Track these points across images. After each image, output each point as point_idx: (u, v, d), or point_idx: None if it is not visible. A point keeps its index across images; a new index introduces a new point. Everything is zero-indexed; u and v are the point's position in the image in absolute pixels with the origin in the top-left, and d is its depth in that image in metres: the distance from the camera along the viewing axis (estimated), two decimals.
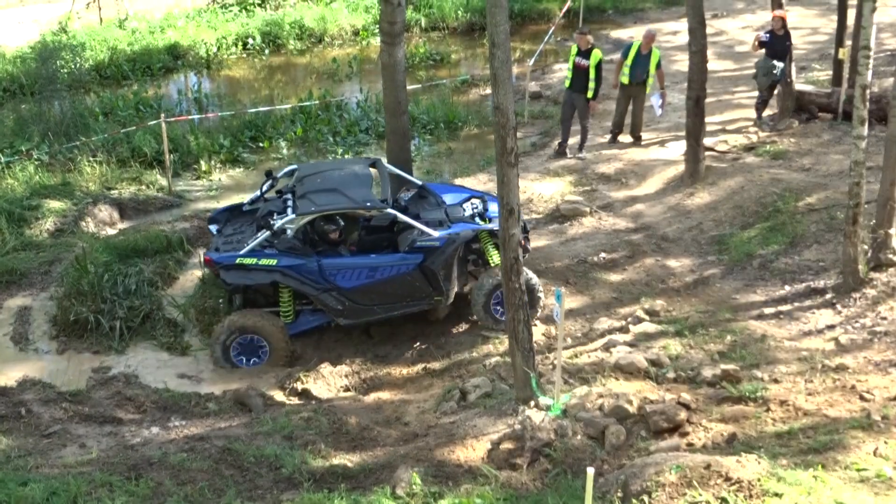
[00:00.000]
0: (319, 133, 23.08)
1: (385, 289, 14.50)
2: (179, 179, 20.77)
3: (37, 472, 10.79)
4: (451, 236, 14.56)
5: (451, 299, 14.88)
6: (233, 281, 14.31)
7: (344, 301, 14.43)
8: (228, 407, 13.13)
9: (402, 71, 16.13)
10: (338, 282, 14.32)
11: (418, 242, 14.42)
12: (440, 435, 11.55)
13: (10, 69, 25.91)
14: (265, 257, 14.15)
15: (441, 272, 14.51)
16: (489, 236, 14.98)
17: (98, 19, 30.30)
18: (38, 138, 20.85)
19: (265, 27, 30.50)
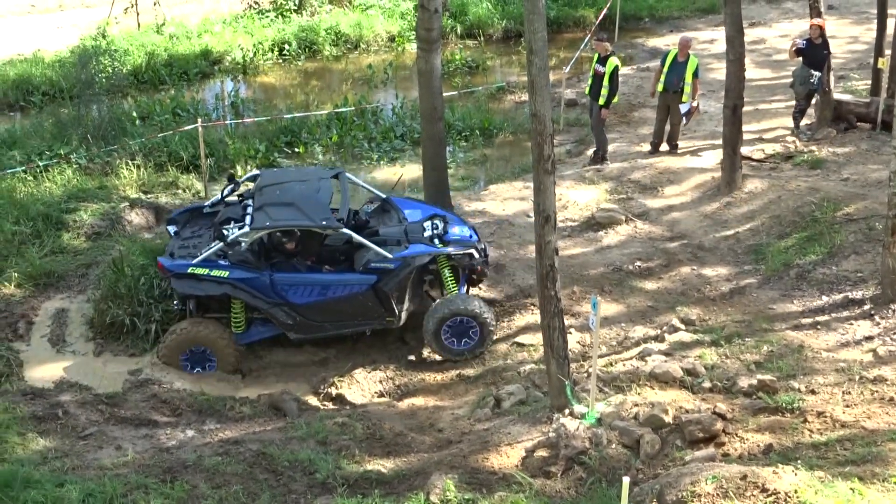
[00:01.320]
0: (355, 139, 23.13)
1: (337, 307, 14.42)
2: (215, 184, 20.80)
3: (73, 473, 10.88)
4: (407, 259, 14.45)
5: (403, 320, 14.80)
6: (183, 291, 14.23)
7: (295, 316, 14.35)
8: (263, 411, 13.20)
9: (439, 77, 16.15)
10: (289, 297, 14.23)
11: (373, 263, 14.32)
12: (474, 442, 11.55)
13: (50, 73, 26.11)
14: (217, 268, 14.04)
15: (394, 294, 14.43)
16: (446, 260, 14.92)
17: (136, 24, 30.47)
18: (77, 142, 20.98)
19: (301, 33, 30.57)
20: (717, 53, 25.98)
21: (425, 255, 14.61)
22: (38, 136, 21.86)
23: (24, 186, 18.86)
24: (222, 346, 14.22)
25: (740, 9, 17.83)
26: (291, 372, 14.62)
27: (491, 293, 15.90)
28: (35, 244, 17.08)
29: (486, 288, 15.97)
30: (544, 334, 11.37)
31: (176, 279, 14.09)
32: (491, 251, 16.95)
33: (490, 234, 17.56)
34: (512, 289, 16.00)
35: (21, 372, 14.25)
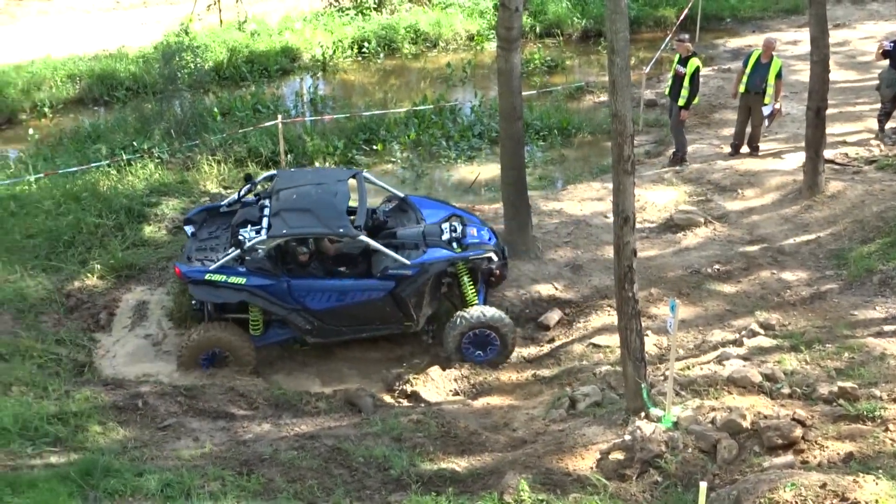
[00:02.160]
0: (433, 137, 23.18)
1: (354, 312, 14.42)
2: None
3: (152, 463, 11.05)
4: (425, 265, 14.38)
5: (422, 325, 14.78)
6: (200, 297, 14.28)
7: (313, 321, 14.36)
8: (339, 406, 13.28)
9: (518, 77, 16.10)
10: (307, 303, 14.24)
11: (390, 270, 14.26)
12: (549, 442, 11.52)
13: (133, 69, 26.48)
14: (234, 275, 14.05)
15: (412, 300, 14.39)
16: (465, 264, 14.83)
17: (218, 21, 30.80)
18: (159, 137, 21.29)
19: (381, 31, 30.68)
20: (801, 55, 25.61)
21: (444, 262, 14.58)
22: (121, 130, 22.23)
23: (107, 180, 19.17)
24: (239, 349, 14.24)
25: (825, 10, 17.54)
26: (367, 368, 14.70)
27: (567, 294, 15.85)
28: (117, 237, 17.37)
29: (561, 288, 15.93)
30: (621, 336, 11.30)
31: (193, 285, 14.14)
32: (568, 249, 16.91)
33: (567, 234, 17.51)
34: (588, 289, 15.93)
35: (102, 362, 14.50)
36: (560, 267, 16.55)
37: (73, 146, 21.82)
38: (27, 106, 25.09)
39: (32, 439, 11.50)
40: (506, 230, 16.76)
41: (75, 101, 25.96)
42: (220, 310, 14.66)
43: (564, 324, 15.39)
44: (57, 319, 15.29)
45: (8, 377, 12.90)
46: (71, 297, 15.78)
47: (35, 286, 15.68)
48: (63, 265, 16.45)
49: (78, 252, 16.86)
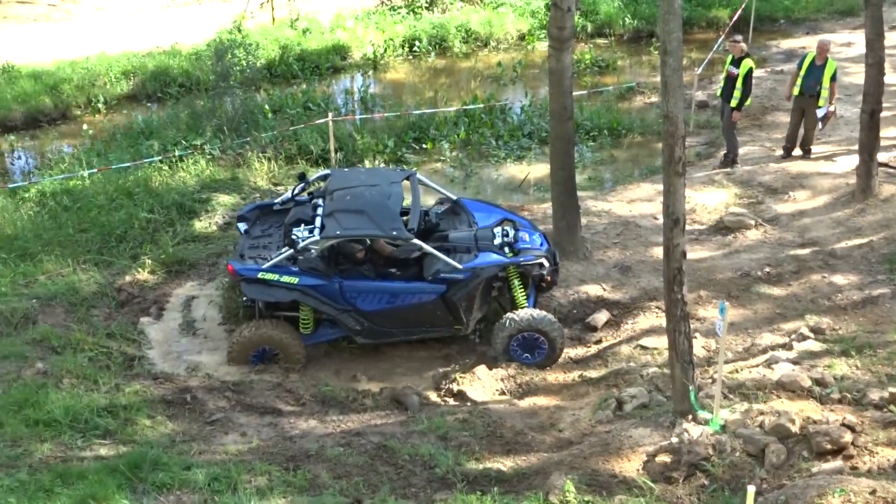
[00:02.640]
0: (482, 136, 23.17)
1: (405, 314, 14.40)
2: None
3: (200, 457, 11.13)
4: (476, 270, 14.31)
5: (471, 328, 14.75)
6: (253, 295, 14.29)
7: (363, 322, 14.36)
8: (385, 404, 13.31)
9: (569, 77, 16.06)
10: (358, 304, 14.25)
11: (442, 273, 14.22)
12: (595, 443, 11.47)
13: (186, 66, 26.73)
14: (287, 274, 14.07)
15: (463, 304, 14.35)
16: (516, 269, 14.75)
17: (271, 19, 31.01)
18: (211, 133, 21.44)
19: (432, 30, 30.74)
20: (855, 57, 25.38)
21: (495, 267, 14.52)
22: (173, 126, 22.42)
23: (159, 176, 19.34)
24: (290, 347, 14.27)
25: (881, 11, 17.35)
26: (414, 367, 14.72)
27: (615, 295, 15.79)
28: (168, 232, 17.52)
29: (610, 289, 15.88)
30: (669, 338, 11.24)
31: (246, 284, 14.19)
32: (617, 250, 16.85)
33: (616, 235, 17.45)
34: (637, 291, 15.85)
35: (152, 356, 14.63)
36: (608, 268, 16.49)
37: (126, 142, 22.05)
38: (82, 102, 25.40)
39: (83, 431, 11.64)
40: (554, 230, 16.73)
41: (129, 97, 26.26)
42: (272, 307, 14.71)
43: (612, 325, 15.32)
44: (108, 313, 15.45)
45: (60, 370, 13.04)
46: (122, 291, 15.94)
47: (87, 280, 15.86)
48: (115, 260, 16.64)
49: (129, 247, 17.03)
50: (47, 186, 18.95)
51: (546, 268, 14.88)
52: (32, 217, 17.85)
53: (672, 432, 10.99)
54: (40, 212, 18.10)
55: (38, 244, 16.78)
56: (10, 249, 16.64)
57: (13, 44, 28.66)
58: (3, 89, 24.77)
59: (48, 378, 12.78)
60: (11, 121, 24.25)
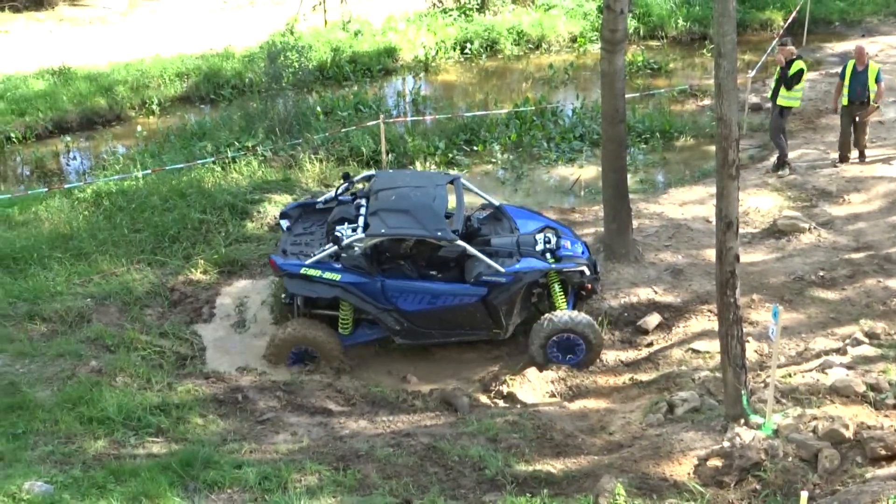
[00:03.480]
0: (534, 138, 23.14)
1: (445, 316, 14.45)
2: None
3: (250, 456, 11.24)
4: (518, 274, 14.35)
5: (510, 333, 14.74)
6: (295, 291, 14.38)
7: (403, 322, 14.41)
8: (435, 405, 13.35)
9: (622, 79, 16.02)
10: (399, 304, 14.30)
11: (484, 276, 14.24)
12: (645, 447, 11.45)
13: (239, 68, 26.92)
14: (330, 271, 14.16)
15: (503, 307, 14.38)
16: (557, 276, 14.75)
17: (323, 21, 31.16)
18: (263, 135, 21.57)
19: (483, 32, 30.73)
20: None
21: (537, 271, 14.54)
22: (226, 128, 22.59)
23: (212, 177, 19.50)
24: (328, 347, 14.34)
25: None
26: (463, 368, 14.74)
27: (667, 298, 15.72)
28: (220, 233, 17.67)
29: (661, 292, 15.81)
30: (722, 342, 11.19)
31: (289, 279, 14.29)
32: (668, 253, 16.78)
33: (668, 237, 17.38)
34: (689, 294, 15.77)
35: (204, 355, 14.77)
36: (660, 271, 16.43)
37: (179, 143, 22.27)
38: (136, 103, 25.66)
39: (135, 429, 11.79)
40: (605, 233, 16.70)
41: (182, 98, 26.49)
42: (311, 306, 14.83)
43: (663, 328, 15.25)
44: (161, 312, 15.62)
45: (113, 368, 13.20)
46: (175, 290, 16.10)
47: (140, 280, 16.04)
48: (168, 260, 16.81)
49: (182, 247, 17.20)
50: (102, 187, 19.16)
51: (587, 276, 14.88)
52: (87, 217, 18.07)
53: (724, 436, 10.94)
54: (95, 212, 18.31)
55: (92, 244, 16.99)
56: (65, 249, 16.85)
57: (68, 46, 29.05)
58: (58, 91, 25.08)
59: (102, 376, 12.95)
60: (67, 122, 24.54)
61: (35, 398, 12.23)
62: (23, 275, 15.97)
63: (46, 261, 16.39)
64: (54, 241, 17.05)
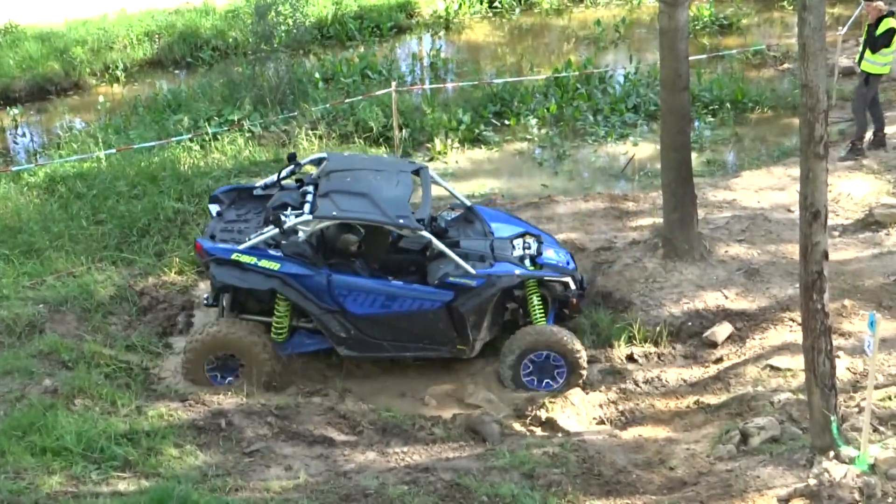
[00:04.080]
0: (577, 110, 23.15)
1: (401, 324, 14.40)
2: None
3: (235, 494, 11.24)
4: (492, 278, 14.33)
5: (476, 351, 14.71)
6: (223, 279, 14.20)
7: (349, 328, 14.34)
8: (458, 434, 13.33)
9: (685, 38, 15.99)
10: (347, 304, 14.23)
11: (451, 277, 14.21)
12: (714, 485, 11.43)
13: (221, 26, 27.02)
14: (267, 259, 14.05)
15: (471, 317, 14.34)
16: (536, 286, 14.74)
17: None
18: (250, 106, 21.66)
19: None
20: None
21: (514, 276, 14.53)
22: (206, 98, 22.73)
23: (189, 157, 19.60)
24: (258, 355, 14.18)
25: None
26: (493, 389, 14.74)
27: (739, 304, 15.69)
28: (199, 225, 17.68)
29: (732, 297, 15.78)
30: (806, 357, 11.15)
31: (216, 265, 14.17)
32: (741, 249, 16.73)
33: (740, 230, 17.36)
34: (766, 299, 15.75)
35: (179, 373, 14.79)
36: (731, 271, 16.39)
37: (149, 116, 22.41)
38: (97, 69, 25.84)
39: (98, 462, 11.79)
40: (665, 225, 16.68)
41: (152, 62, 26.66)
42: (240, 308, 14.80)
43: (735, 340, 15.22)
44: (128, 321, 15.69)
45: (71, 388, 13.22)
46: (144, 295, 16.15)
47: (104, 281, 16.11)
48: (136, 257, 16.89)
49: (154, 242, 17.28)
50: (57, 169, 19.27)
51: (571, 290, 14.89)
52: (39, 206, 18.16)
53: (809, 472, 10.92)
54: (48, 199, 18.42)
55: (46, 238, 17.08)
56: (13, 244, 16.94)
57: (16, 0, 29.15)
58: (4, 54, 25.22)
59: (57, 398, 12.97)
60: (14, 91, 24.72)
61: None
62: None
63: None
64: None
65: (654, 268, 16.24)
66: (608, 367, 14.93)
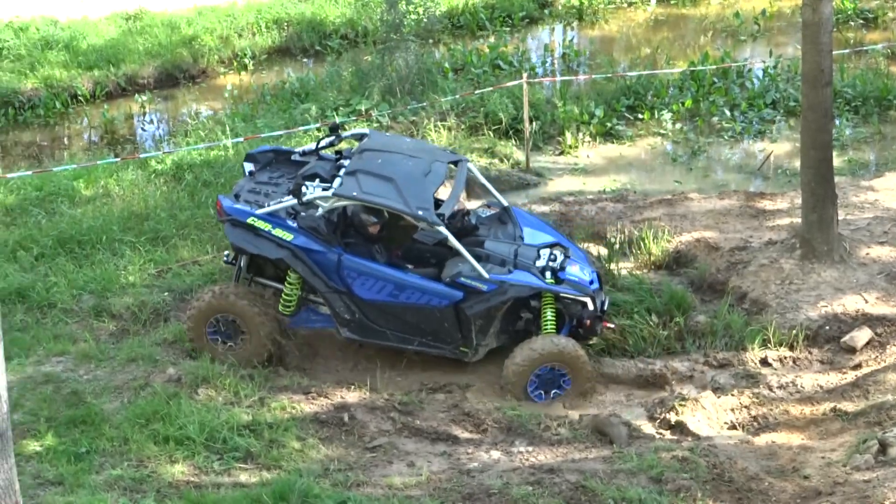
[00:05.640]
0: (714, 105, 22.94)
1: (406, 315, 14.30)
2: (539, 154, 21.18)
3: (357, 490, 11.38)
4: (504, 285, 14.12)
5: (480, 356, 14.52)
6: (235, 241, 14.30)
7: (354, 311, 14.28)
8: (584, 435, 13.28)
9: (828, 32, 15.76)
10: (354, 287, 14.16)
11: (462, 278, 14.05)
12: (850, 496, 11.27)
13: (350, 14, 27.19)
14: (282, 228, 14.02)
15: (478, 322, 14.19)
16: (553, 300, 14.48)
17: None
18: (379, 96, 21.76)
19: None
20: None
21: (527, 287, 14.33)
22: (334, 87, 22.89)
23: None
24: (259, 323, 14.23)
25: None
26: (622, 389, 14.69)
27: (881, 308, 15.44)
28: None
29: (873, 301, 15.53)
30: None
31: (231, 226, 14.25)
32: (883, 251, 16.45)
33: (883, 232, 17.07)
34: None
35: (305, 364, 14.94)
36: (872, 274, 16.13)
37: (276, 105, 22.64)
38: (225, 56, 26.11)
39: (220, 452, 12.02)
40: (803, 225, 16.46)
41: (280, 50, 26.93)
42: (256, 272, 14.92)
43: (875, 346, 14.96)
44: None
45: (195, 377, 13.46)
46: None
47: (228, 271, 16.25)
48: None
49: None
50: (184, 157, 19.55)
51: (588, 310, 14.64)
52: (166, 193, 18.48)
53: None
54: (175, 187, 18.73)
55: (172, 226, 17.39)
56: (139, 231, 17.28)
57: None
58: (133, 40, 25.64)
59: (181, 387, 13.23)
60: (143, 77, 25.13)
61: (102, 411, 12.56)
62: (89, 262, 16.41)
63: (117, 245, 16.84)
64: (126, 222, 17.50)
65: (790, 269, 16.03)
66: (741, 370, 14.70)
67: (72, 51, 25.09)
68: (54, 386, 13.25)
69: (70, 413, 12.48)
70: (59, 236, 16.96)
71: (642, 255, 17.10)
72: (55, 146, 23.30)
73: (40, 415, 12.52)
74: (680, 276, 16.78)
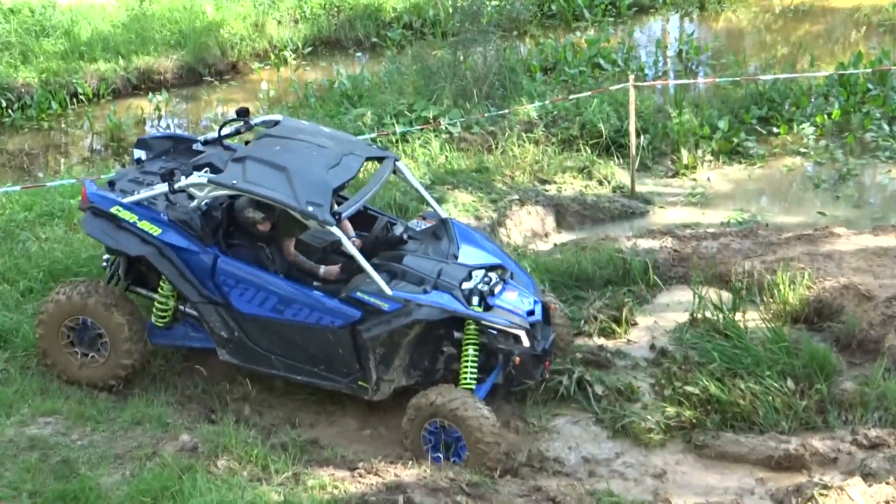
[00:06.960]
0: (867, 117, 22.75)
1: (294, 336, 13.98)
2: (647, 175, 21.06)
3: None
4: (410, 305, 13.63)
5: (385, 394, 14.15)
6: (91, 232, 14.26)
7: (233, 329, 14.07)
8: None
9: None
10: (232, 297, 13.91)
11: (359, 293, 13.64)
12: None
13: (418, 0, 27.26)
14: (150, 221, 13.85)
15: (376, 350, 13.80)
16: (476, 332, 14.03)
17: None
18: (450, 101, 21.72)
19: None
20: None
21: (437, 309, 13.79)
22: (394, 89, 22.87)
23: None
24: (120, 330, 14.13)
25: None
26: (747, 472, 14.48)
27: None
28: None
29: None
30: None
31: (91, 216, 14.17)
32: None
33: None
34: None
35: None
36: None
37: (322, 109, 22.67)
38: (260, 48, 26.21)
39: None
40: None
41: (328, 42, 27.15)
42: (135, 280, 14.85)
43: None
44: None
45: (214, 445, 13.35)
46: None
47: None
48: None
49: None
50: None
51: (521, 347, 14.13)
52: None
53: None
54: None
55: None
56: None
57: None
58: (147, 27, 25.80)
59: (197, 458, 13.12)
60: (159, 72, 25.33)
61: (98, 486, 12.48)
62: None
63: None
64: None
65: None
66: None
67: (72, 39, 25.31)
68: (41, 453, 13.18)
69: (59, 487, 12.41)
70: (51, 267, 16.86)
71: (775, 303, 16.81)
72: (50, 155, 23.43)
73: (22, 488, 12.44)
74: (823, 332, 16.50)
